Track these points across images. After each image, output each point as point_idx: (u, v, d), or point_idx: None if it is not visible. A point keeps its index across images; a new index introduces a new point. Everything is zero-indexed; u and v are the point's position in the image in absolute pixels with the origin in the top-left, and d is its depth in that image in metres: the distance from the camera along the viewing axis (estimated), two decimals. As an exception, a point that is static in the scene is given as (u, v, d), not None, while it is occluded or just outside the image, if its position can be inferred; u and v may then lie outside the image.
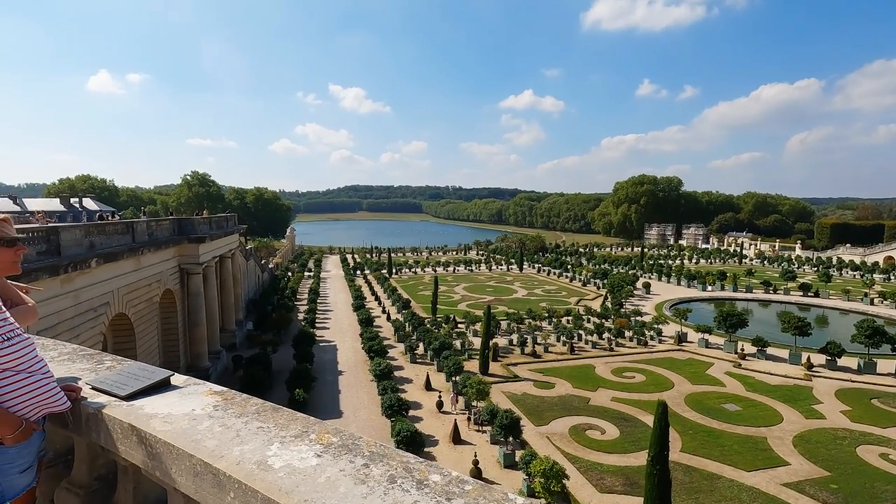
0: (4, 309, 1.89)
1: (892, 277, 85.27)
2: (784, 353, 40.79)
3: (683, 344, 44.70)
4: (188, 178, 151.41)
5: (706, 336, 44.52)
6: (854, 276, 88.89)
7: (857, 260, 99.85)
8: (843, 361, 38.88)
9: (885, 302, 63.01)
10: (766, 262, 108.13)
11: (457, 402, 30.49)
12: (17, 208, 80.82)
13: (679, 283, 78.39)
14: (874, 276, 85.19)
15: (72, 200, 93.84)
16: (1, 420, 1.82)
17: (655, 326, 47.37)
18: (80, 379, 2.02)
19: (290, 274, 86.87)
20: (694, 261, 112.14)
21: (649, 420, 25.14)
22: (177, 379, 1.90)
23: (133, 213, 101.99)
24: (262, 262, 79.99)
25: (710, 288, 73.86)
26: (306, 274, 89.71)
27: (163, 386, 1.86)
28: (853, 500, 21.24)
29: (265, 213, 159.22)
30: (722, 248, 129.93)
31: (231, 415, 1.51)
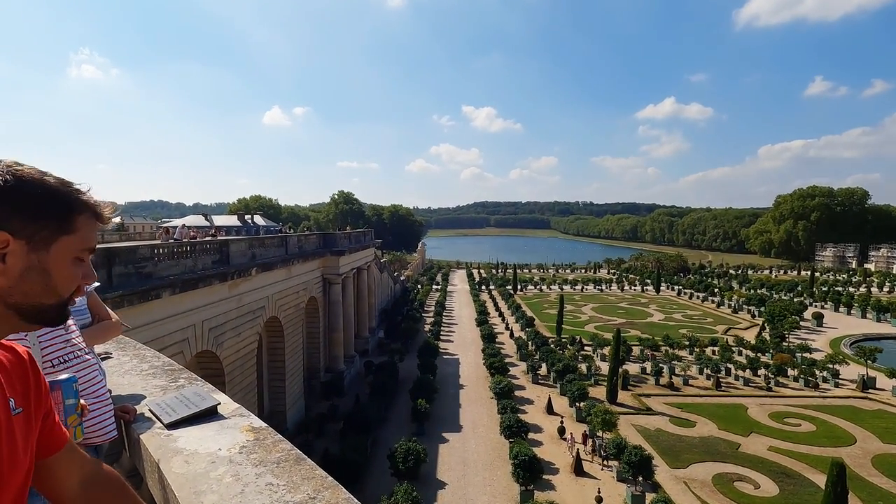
0: (70, 328, 2.04)
1: None
2: None
3: (870, 391, 36.59)
4: (335, 196, 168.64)
5: (904, 383, 35.87)
6: None
7: None
8: None
9: None
10: None
11: (584, 443, 27.06)
12: (207, 223, 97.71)
13: (864, 316, 64.80)
14: None
15: (245, 217, 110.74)
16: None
17: (830, 366, 39.54)
18: (144, 398, 2.14)
19: (419, 286, 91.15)
20: (886, 289, 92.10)
21: (819, 479, 20.84)
22: (225, 408, 1.90)
23: (292, 227, 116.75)
24: (395, 274, 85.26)
25: (910, 323, 59.77)
26: (434, 287, 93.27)
27: (209, 415, 1.87)
28: None
29: (399, 229, 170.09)
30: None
31: (251, 461, 1.42)
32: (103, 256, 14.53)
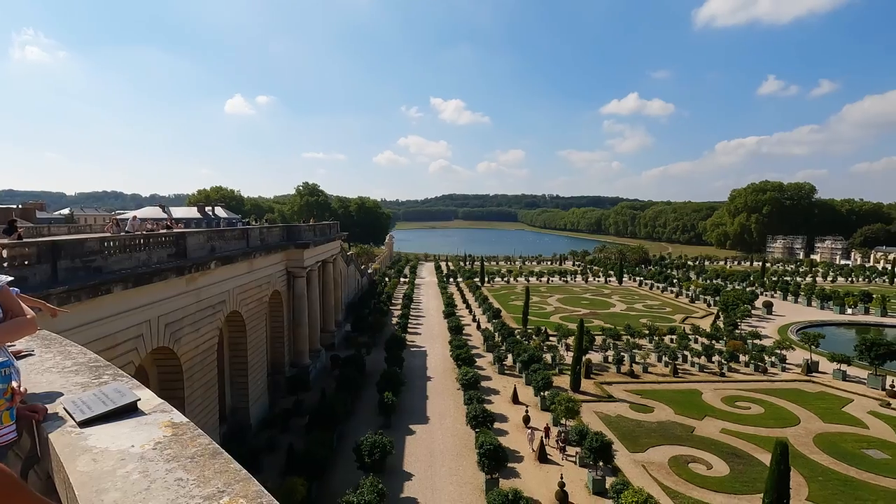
0: None
1: None
2: (952, 395, 33.67)
3: (813, 374, 38.88)
4: (300, 188, 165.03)
5: (843, 367, 38.26)
6: None
7: None
8: None
9: None
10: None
11: (546, 435, 26.92)
12: (164, 215, 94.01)
13: (809, 304, 68.70)
14: None
15: (206, 209, 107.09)
16: None
17: (778, 352, 41.78)
18: (61, 395, 2.05)
19: (386, 279, 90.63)
20: (830, 278, 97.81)
21: (767, 458, 22.05)
22: (147, 404, 1.84)
23: (255, 219, 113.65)
24: (362, 267, 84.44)
25: (849, 311, 63.75)
26: (402, 280, 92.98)
27: (129, 411, 1.80)
28: None
29: (366, 221, 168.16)
30: (867, 265, 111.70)
31: (164, 457, 1.38)
32: (47, 250, 13.78)
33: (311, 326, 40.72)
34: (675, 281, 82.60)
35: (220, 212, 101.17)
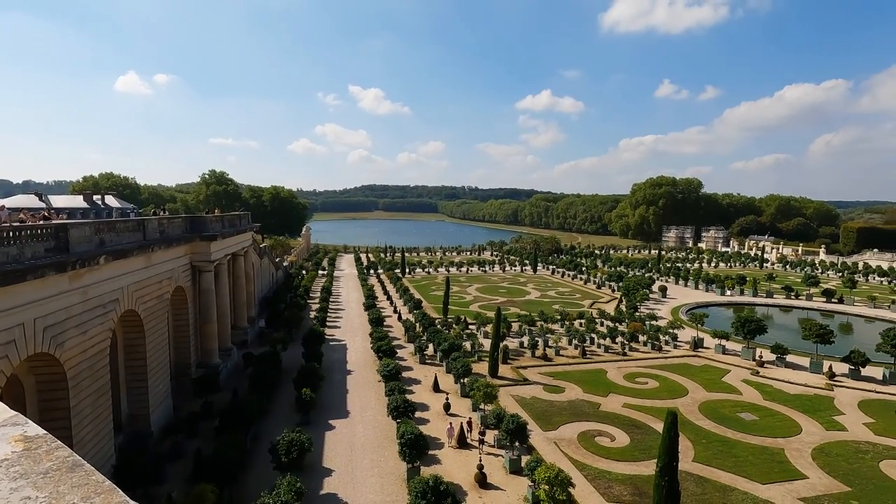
0: None
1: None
2: (805, 362, 39.43)
3: (699, 350, 43.60)
4: (206, 176, 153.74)
5: (723, 342, 43.31)
6: (882, 282, 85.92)
7: (885, 265, 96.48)
8: (867, 371, 37.38)
9: (913, 309, 60.64)
10: (788, 266, 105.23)
11: (469, 428, 26.81)
12: (41, 204, 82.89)
13: (697, 287, 76.73)
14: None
15: (94, 198, 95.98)
16: None
17: (671, 331, 46.30)
18: None
19: (304, 272, 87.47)
20: (713, 264, 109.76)
21: (661, 427, 24.41)
22: None
23: (153, 210, 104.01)
24: (277, 260, 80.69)
25: (728, 292, 72.09)
26: (320, 272, 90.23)
27: None
28: (875, 518, 20.30)
29: (281, 212, 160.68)
30: (742, 252, 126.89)
31: (10, 475, 1.22)
32: None
33: (221, 323, 38.31)
34: (583, 269, 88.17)
35: (112, 201, 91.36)
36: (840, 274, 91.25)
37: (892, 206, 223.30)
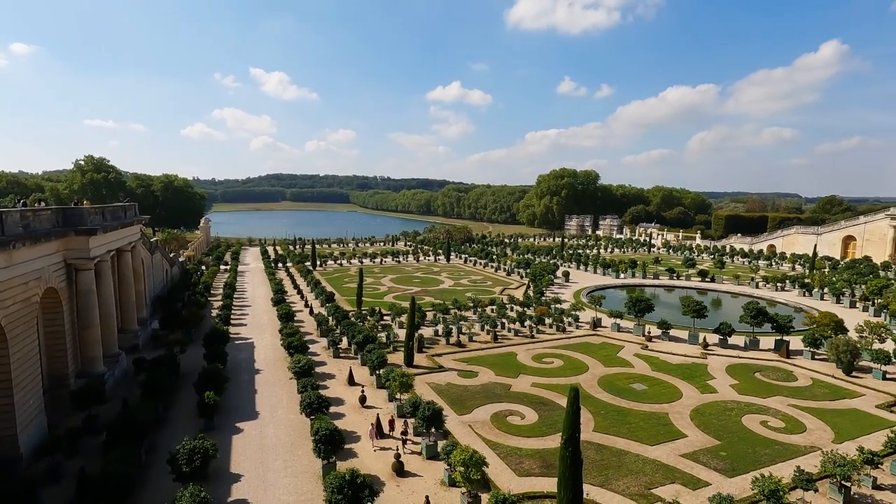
0: None
1: (773, 263, 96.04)
2: (684, 335, 44.45)
3: (598, 329, 47.30)
4: (82, 163, 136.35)
5: (618, 321, 47.42)
6: (743, 262, 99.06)
7: (746, 248, 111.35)
8: (733, 340, 43.14)
9: (766, 285, 70.83)
10: (671, 250, 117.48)
11: (392, 428, 26.11)
12: None
13: (595, 272, 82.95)
14: (759, 262, 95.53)
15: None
16: None
17: (573, 313, 49.73)
18: None
19: (203, 268, 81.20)
20: (609, 250, 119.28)
21: (565, 402, 26.26)
22: None
23: (17, 201, 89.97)
24: (172, 255, 73.98)
25: (622, 276, 78.88)
26: (222, 267, 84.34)
27: None
28: (738, 465, 23.56)
29: (175, 203, 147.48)
30: (634, 239, 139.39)
31: None
32: None
33: (106, 327, 34.42)
34: (494, 257, 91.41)
35: (-42, 190, 77.86)
36: (712, 256, 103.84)
37: (752, 197, 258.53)
